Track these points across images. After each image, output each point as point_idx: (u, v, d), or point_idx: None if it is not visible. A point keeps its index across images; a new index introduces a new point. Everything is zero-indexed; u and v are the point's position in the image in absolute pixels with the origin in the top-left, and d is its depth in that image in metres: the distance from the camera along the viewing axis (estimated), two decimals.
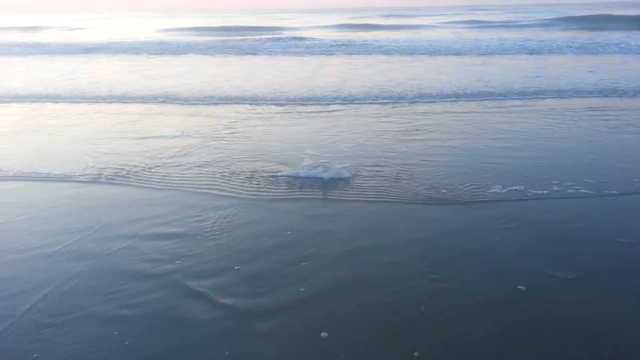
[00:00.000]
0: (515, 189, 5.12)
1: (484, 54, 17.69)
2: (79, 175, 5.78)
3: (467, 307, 3.20)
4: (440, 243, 4.06)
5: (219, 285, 3.45)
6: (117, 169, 5.98)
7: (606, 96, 10.11)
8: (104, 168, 6.02)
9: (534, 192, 5.06)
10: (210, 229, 4.32)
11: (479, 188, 5.16)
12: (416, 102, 9.89)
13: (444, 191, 5.10)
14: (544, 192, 5.06)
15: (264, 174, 5.65)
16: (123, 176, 5.71)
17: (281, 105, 9.91)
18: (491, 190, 5.09)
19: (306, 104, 9.87)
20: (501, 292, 3.36)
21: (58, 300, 3.31)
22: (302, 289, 3.42)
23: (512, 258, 3.80)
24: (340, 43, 22.27)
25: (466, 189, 5.15)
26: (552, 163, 5.97)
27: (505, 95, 10.24)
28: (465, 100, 9.91)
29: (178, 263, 3.75)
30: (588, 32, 27.25)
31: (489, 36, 24.57)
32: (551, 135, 7.25)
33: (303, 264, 3.76)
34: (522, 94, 10.28)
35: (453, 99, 10.06)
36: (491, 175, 5.52)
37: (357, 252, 3.95)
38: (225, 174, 5.71)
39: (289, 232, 4.27)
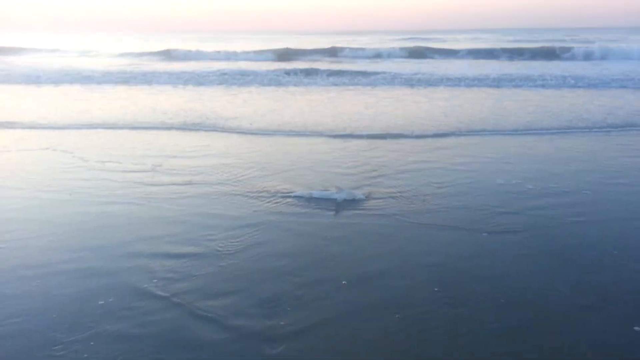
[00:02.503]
0: (531, 215, 5.05)
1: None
2: (97, 195, 5.83)
3: (482, 334, 3.13)
4: (455, 268, 4.00)
5: (230, 306, 3.43)
6: (132, 188, 6.03)
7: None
8: (119, 187, 6.08)
9: (550, 218, 4.98)
10: (222, 249, 4.31)
11: (494, 213, 5.10)
12: (433, 129, 9.88)
13: (458, 216, 5.05)
14: (561, 218, 4.98)
15: (278, 194, 5.65)
16: (137, 196, 5.74)
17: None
18: (506, 216, 5.02)
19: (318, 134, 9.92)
20: (517, 319, 3.29)
21: (70, 318, 3.30)
22: (314, 312, 3.37)
23: (528, 285, 3.72)
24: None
25: (481, 214, 5.09)
26: (566, 188, 5.89)
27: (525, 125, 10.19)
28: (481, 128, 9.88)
29: (189, 282, 3.73)
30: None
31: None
32: (563, 159, 7.17)
33: (315, 286, 3.72)
34: (534, 127, 10.23)
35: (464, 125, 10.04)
36: (506, 201, 5.45)
37: (370, 275, 3.90)
38: (237, 192, 5.72)
39: (301, 254, 4.25)
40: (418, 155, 7.43)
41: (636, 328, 3.18)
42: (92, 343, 3.03)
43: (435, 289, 3.65)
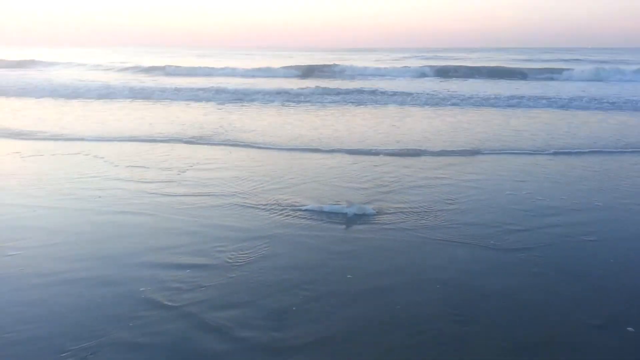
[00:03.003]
0: (543, 232, 5.00)
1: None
2: (110, 204, 5.90)
3: (491, 353, 3.09)
4: (465, 285, 3.97)
5: (238, 318, 3.43)
6: (144, 199, 6.09)
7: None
8: (131, 197, 6.14)
9: (564, 236, 4.93)
10: (232, 261, 4.32)
11: (506, 231, 5.06)
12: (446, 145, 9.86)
13: (470, 232, 5.02)
14: (573, 236, 4.93)
15: (289, 207, 5.67)
16: (149, 206, 5.80)
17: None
18: (518, 233, 4.98)
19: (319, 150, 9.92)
20: (527, 338, 3.24)
21: (79, 326, 3.33)
22: (322, 327, 3.36)
23: (539, 303, 3.68)
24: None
25: (492, 230, 5.06)
26: (580, 206, 5.83)
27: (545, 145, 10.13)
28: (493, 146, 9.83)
29: (198, 293, 3.75)
30: None
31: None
32: (576, 178, 7.11)
33: (324, 300, 3.71)
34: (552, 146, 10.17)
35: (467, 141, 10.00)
36: (518, 218, 5.42)
37: (379, 290, 3.88)
38: (248, 205, 5.75)
39: (310, 267, 4.25)
40: (430, 172, 7.41)
41: None
42: (100, 351, 3.05)
43: (445, 306, 3.62)
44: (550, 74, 26.55)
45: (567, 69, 27.60)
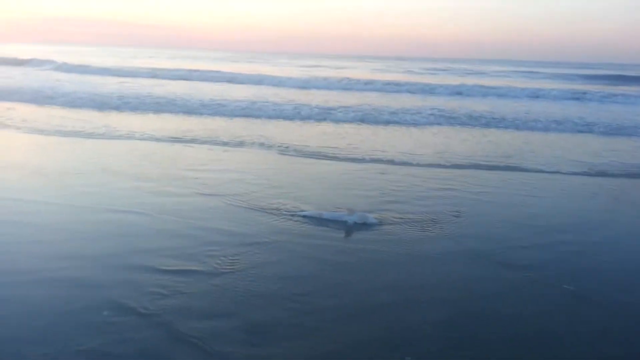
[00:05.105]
0: (553, 251, 4.67)
1: None
2: (103, 203, 5.69)
3: None
4: (466, 305, 3.65)
5: (216, 329, 3.14)
6: (139, 198, 5.87)
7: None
8: (126, 196, 5.93)
9: (574, 256, 4.59)
10: (220, 267, 4.05)
11: (514, 248, 4.73)
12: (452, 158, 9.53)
13: (475, 247, 4.70)
14: (584, 256, 4.60)
15: (287, 213, 5.39)
16: (144, 206, 5.55)
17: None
18: (527, 251, 4.65)
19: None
20: None
21: (42, 330, 3.08)
22: (309, 344, 3.07)
23: (545, 327, 3.35)
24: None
25: (499, 246, 4.73)
26: (589, 226, 5.48)
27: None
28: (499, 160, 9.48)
29: (177, 300, 3.47)
30: None
31: None
32: (591, 198, 6.75)
33: (314, 315, 3.42)
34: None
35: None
36: (527, 235, 5.08)
37: (375, 307, 3.59)
38: (245, 208, 5.48)
39: (303, 278, 3.96)
40: (439, 182, 7.08)
41: None
42: (62, 358, 2.78)
43: (443, 330, 3.31)
44: None
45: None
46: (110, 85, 20.22)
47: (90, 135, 9.75)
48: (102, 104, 14.44)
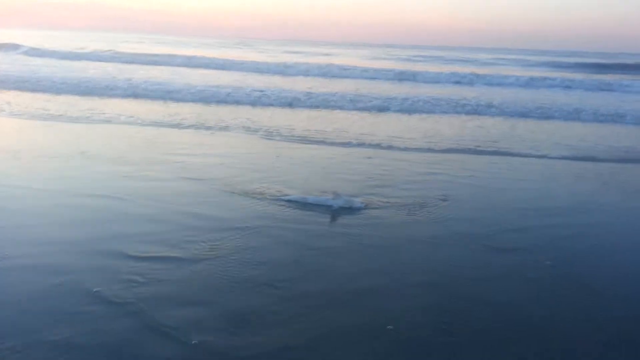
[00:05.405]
0: (542, 233, 4.59)
1: None
2: (81, 187, 5.49)
3: None
4: (454, 289, 3.56)
5: (193, 318, 3.01)
6: (118, 182, 5.69)
7: None
8: (105, 179, 5.74)
9: (564, 240, 4.51)
10: (199, 252, 3.90)
11: (503, 231, 4.64)
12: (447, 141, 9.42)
13: (462, 230, 4.60)
14: (573, 238, 4.53)
15: (270, 197, 5.24)
16: (123, 190, 5.36)
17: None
18: (515, 235, 4.56)
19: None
20: (519, 353, 2.83)
21: (12, 320, 2.92)
22: (291, 331, 2.95)
23: (535, 312, 3.27)
24: None
25: (488, 230, 4.64)
26: (577, 210, 5.42)
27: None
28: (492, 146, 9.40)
29: (153, 288, 3.32)
30: None
31: None
32: (581, 182, 6.69)
33: (296, 301, 3.30)
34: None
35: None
36: (517, 219, 4.99)
37: (360, 292, 3.47)
38: (228, 192, 5.32)
39: (286, 264, 3.83)
40: (427, 167, 6.97)
41: None
42: (26, 350, 2.63)
43: (431, 314, 3.21)
44: None
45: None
46: (92, 70, 19.76)
47: (68, 120, 9.49)
48: (85, 88, 14.06)
